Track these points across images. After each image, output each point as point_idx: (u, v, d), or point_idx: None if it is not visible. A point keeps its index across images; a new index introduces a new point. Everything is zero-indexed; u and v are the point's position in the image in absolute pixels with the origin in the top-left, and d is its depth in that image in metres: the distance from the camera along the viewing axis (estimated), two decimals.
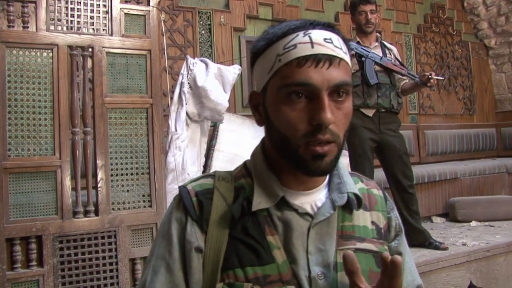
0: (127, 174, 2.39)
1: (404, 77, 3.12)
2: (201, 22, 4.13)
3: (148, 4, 2.50)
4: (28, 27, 2.23)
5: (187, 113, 2.86)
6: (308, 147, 0.73)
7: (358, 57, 3.01)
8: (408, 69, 3.16)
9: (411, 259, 0.90)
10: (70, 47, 2.30)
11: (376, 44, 3.12)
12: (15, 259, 2.12)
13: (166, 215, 0.83)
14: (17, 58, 2.19)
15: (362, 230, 0.82)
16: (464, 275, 2.93)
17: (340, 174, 0.84)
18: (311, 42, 0.73)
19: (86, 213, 2.29)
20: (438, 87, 5.31)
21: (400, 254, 0.87)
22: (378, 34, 3.21)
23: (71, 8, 2.32)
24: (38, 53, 2.24)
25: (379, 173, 3.22)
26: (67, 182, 2.24)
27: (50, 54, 2.25)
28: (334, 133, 0.73)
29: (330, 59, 0.73)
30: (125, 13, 2.44)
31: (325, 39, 0.74)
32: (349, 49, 0.79)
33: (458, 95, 5.63)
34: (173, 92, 2.96)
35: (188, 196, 0.81)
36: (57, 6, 2.29)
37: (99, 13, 2.39)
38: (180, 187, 0.84)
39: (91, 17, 2.37)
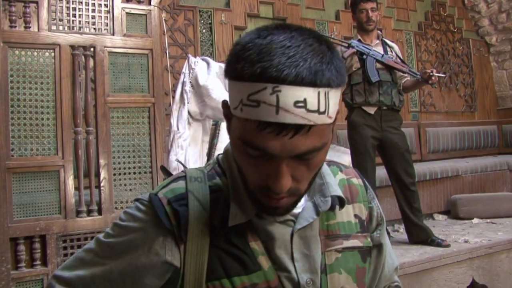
0: (129, 173, 2.40)
1: (406, 75, 3.12)
2: (202, 21, 4.14)
3: (150, 4, 2.51)
4: (30, 27, 2.23)
5: (189, 112, 2.86)
6: (263, 197, 0.68)
7: (360, 55, 3.01)
8: (409, 67, 3.16)
9: (389, 245, 0.90)
10: (72, 47, 2.30)
11: (377, 41, 3.12)
12: (19, 258, 2.13)
13: (126, 222, 0.75)
14: (19, 58, 2.20)
15: (347, 226, 0.80)
16: (466, 272, 2.93)
17: (322, 174, 0.78)
18: (277, 106, 0.59)
19: (89, 212, 2.30)
20: (439, 84, 5.30)
21: (382, 244, 0.87)
22: (379, 31, 3.21)
23: (72, 8, 2.33)
24: (40, 53, 2.24)
25: (381, 171, 3.22)
26: (70, 182, 2.25)
27: (52, 54, 2.26)
28: (291, 190, 0.66)
29: (296, 128, 0.60)
30: (127, 13, 2.45)
31: (296, 103, 0.59)
32: (342, 87, 0.66)
33: (459, 93, 5.63)
34: (175, 91, 2.96)
35: (161, 205, 0.72)
36: (59, 6, 2.30)
37: (101, 12, 2.39)
38: (151, 195, 0.74)
39: (93, 17, 2.38)
